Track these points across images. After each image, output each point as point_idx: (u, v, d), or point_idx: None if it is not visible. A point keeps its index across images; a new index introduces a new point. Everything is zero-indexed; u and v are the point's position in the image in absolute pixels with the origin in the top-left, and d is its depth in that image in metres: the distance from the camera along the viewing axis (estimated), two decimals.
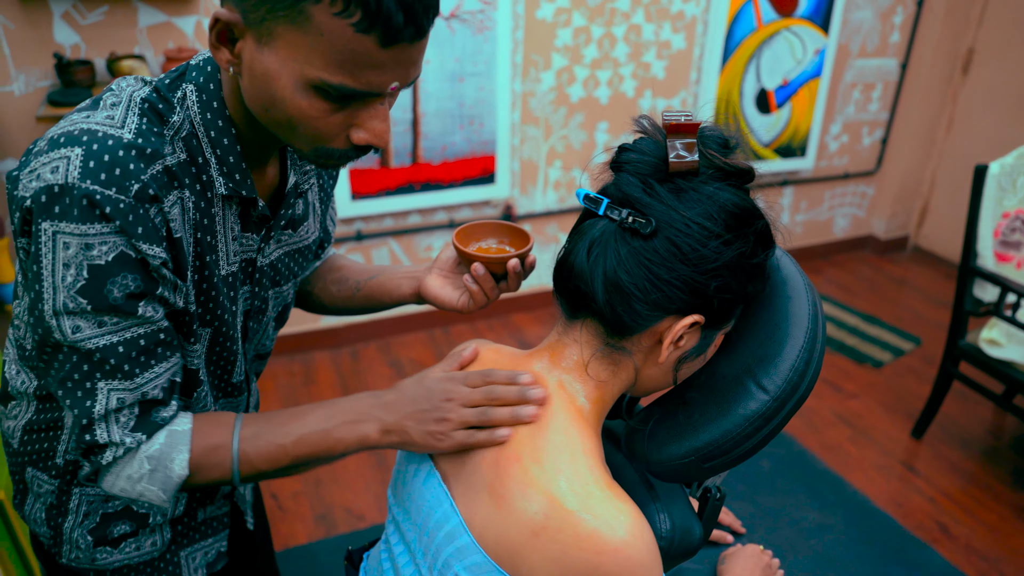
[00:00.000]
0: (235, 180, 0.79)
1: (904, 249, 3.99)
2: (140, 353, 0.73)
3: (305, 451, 0.79)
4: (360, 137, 0.71)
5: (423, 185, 2.75)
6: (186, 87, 0.76)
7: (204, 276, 0.81)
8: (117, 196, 0.67)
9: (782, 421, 0.75)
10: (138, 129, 0.71)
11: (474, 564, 0.71)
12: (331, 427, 0.78)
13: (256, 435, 0.79)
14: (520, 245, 0.92)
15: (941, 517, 2.17)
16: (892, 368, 2.91)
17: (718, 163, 0.71)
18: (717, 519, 0.97)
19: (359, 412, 0.79)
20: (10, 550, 1.28)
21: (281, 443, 0.78)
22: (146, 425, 0.76)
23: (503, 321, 3.13)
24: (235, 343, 0.90)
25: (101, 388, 0.73)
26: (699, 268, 0.69)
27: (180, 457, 0.76)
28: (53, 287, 0.69)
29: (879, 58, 3.48)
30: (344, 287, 1.08)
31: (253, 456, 0.78)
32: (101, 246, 0.68)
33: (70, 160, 0.67)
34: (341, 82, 0.65)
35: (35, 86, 2.16)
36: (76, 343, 0.71)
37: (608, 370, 0.75)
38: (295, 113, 0.68)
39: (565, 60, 2.81)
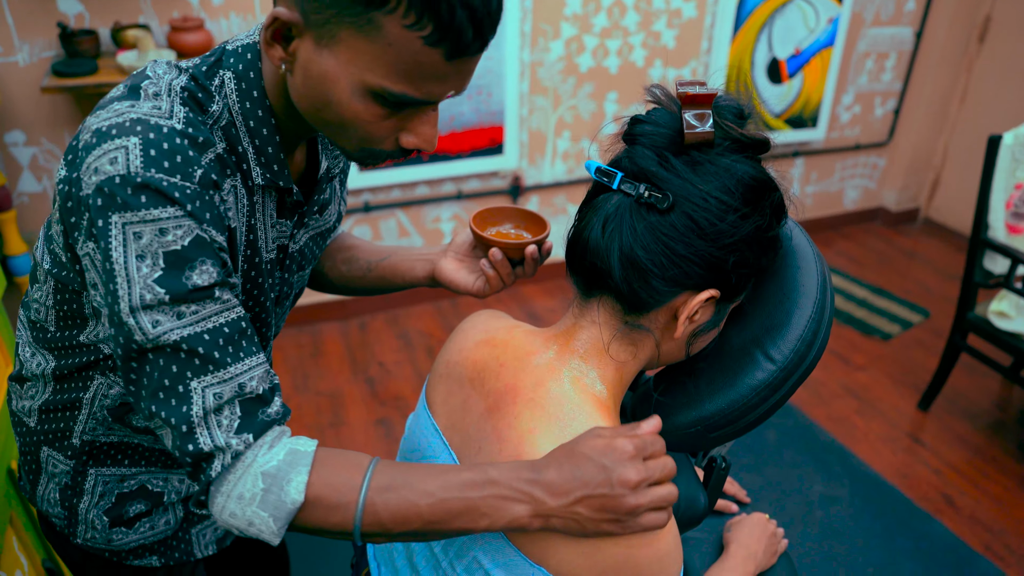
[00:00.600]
0: (272, 171, 0.77)
1: (915, 221, 3.96)
2: (227, 342, 0.68)
3: (440, 518, 0.67)
4: (410, 141, 0.71)
5: (431, 156, 2.74)
6: (224, 74, 0.74)
7: (254, 264, 0.80)
8: (183, 183, 0.66)
9: (789, 391, 0.75)
10: (187, 118, 0.69)
11: (494, 549, 0.71)
12: (478, 498, 0.66)
13: (389, 487, 0.68)
14: (536, 230, 0.92)
15: (947, 489, 2.18)
16: (900, 340, 2.90)
17: (734, 134, 0.69)
18: (722, 489, 0.97)
19: (513, 488, 0.66)
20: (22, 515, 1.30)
21: (416, 502, 0.67)
22: (252, 424, 0.68)
23: (512, 293, 3.13)
24: (269, 328, 0.89)
25: (195, 388, 0.67)
26: (717, 243, 0.68)
27: (298, 479, 0.67)
28: (128, 281, 0.65)
29: (893, 27, 3.42)
30: (355, 267, 1.07)
31: (381, 510, 0.67)
32: (176, 230, 0.65)
33: (128, 150, 0.64)
34: (402, 91, 0.65)
35: (39, 56, 2.15)
36: (158, 339, 0.66)
37: (628, 351, 0.75)
38: (350, 116, 0.68)
39: (574, 29, 2.78)
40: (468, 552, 0.73)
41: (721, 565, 0.93)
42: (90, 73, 2.02)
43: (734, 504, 1.11)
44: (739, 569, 0.93)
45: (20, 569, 1.22)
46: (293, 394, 2.48)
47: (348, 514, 0.67)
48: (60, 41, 2.10)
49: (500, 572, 0.71)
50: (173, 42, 2.17)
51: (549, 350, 0.76)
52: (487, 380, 0.77)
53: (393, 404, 2.46)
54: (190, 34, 2.16)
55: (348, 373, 2.61)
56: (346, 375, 2.60)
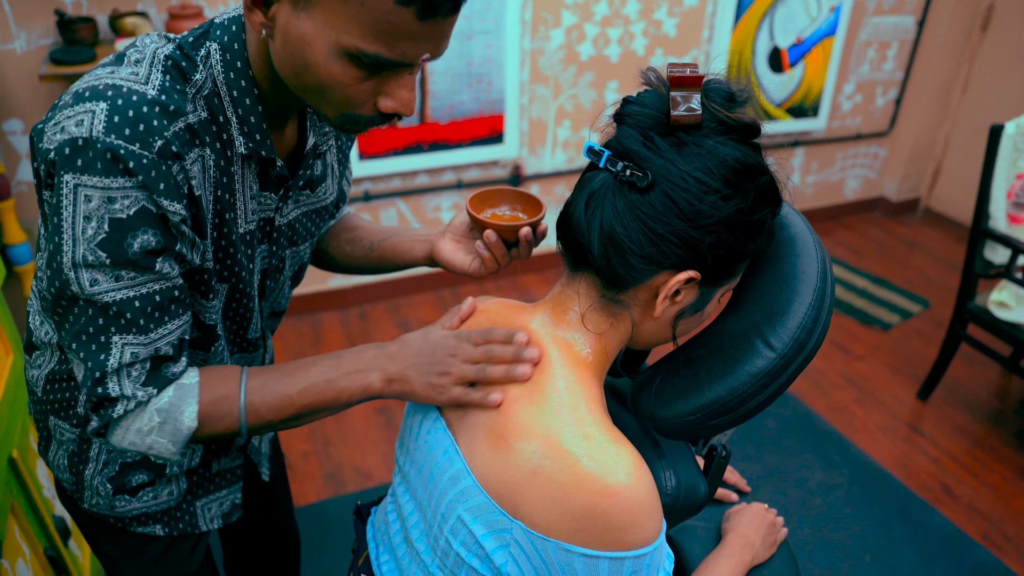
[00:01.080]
0: (255, 140, 0.79)
1: (915, 211, 3.95)
2: (155, 309, 0.74)
3: (311, 400, 0.80)
4: (387, 105, 0.72)
5: (431, 145, 2.73)
6: (210, 45, 0.76)
7: (223, 233, 0.82)
8: (140, 152, 0.68)
9: (789, 379, 0.75)
10: (162, 86, 0.72)
11: (476, 506, 0.73)
12: (336, 377, 0.79)
13: (262, 386, 0.79)
14: (533, 212, 0.92)
15: (945, 478, 2.19)
16: (900, 330, 2.90)
17: (721, 116, 0.69)
18: (722, 477, 0.97)
19: (363, 362, 0.80)
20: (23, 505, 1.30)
21: (287, 393, 0.79)
22: (157, 380, 0.76)
23: (511, 282, 3.13)
24: (252, 300, 0.91)
25: (116, 343, 0.73)
26: (695, 223, 0.68)
27: (189, 409, 0.77)
28: (73, 239, 0.69)
29: (896, 15, 3.40)
30: (358, 247, 1.09)
31: (260, 406, 0.79)
32: (123, 200, 0.68)
33: (95, 114, 0.67)
34: (376, 51, 0.66)
35: (37, 44, 2.14)
36: (93, 296, 0.71)
37: (606, 322, 0.76)
38: (327, 79, 0.69)
39: (575, 17, 2.76)
40: (453, 512, 0.75)
41: (717, 553, 0.94)
42: (88, 61, 2.01)
43: (734, 493, 1.11)
44: (734, 557, 0.93)
45: (22, 557, 1.23)
46: None
47: (234, 420, 0.79)
48: (58, 28, 2.09)
49: (480, 527, 0.72)
50: (171, 29, 2.16)
51: (539, 314, 0.79)
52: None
53: None
54: (188, 21, 2.15)
55: None
56: None
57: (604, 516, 0.66)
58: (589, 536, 0.67)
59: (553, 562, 0.68)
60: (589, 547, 0.67)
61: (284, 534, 1.33)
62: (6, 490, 1.22)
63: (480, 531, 0.72)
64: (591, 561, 0.67)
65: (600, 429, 0.69)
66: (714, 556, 0.93)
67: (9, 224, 2.13)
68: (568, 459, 0.67)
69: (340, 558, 1.83)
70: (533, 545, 0.69)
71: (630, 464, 0.67)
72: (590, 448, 0.67)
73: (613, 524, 0.66)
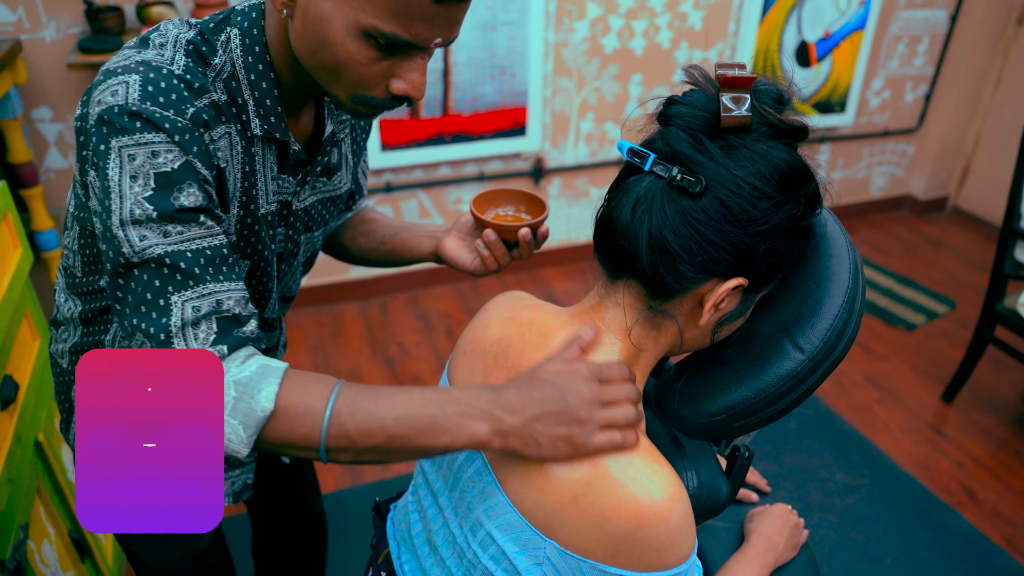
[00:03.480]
0: (270, 123, 0.81)
1: (943, 210, 3.89)
2: (208, 263, 0.72)
3: (404, 432, 0.68)
4: (399, 87, 0.74)
5: (453, 137, 2.72)
6: (230, 31, 0.79)
7: (249, 211, 0.85)
8: (175, 117, 0.71)
9: (817, 381, 0.74)
10: (186, 66, 0.75)
11: (507, 523, 0.72)
12: (440, 414, 0.68)
13: (355, 399, 0.70)
14: (537, 213, 0.95)
15: (968, 481, 2.16)
16: (924, 331, 2.86)
17: (772, 120, 0.68)
18: (744, 478, 0.96)
19: (474, 407, 0.68)
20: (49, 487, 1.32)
21: (380, 416, 0.68)
22: (227, 339, 0.71)
23: (532, 275, 3.12)
24: (271, 280, 0.93)
25: (175, 301, 0.70)
26: (748, 230, 0.67)
27: (268, 388, 0.69)
28: (120, 196, 0.70)
29: (927, 9, 3.34)
30: (370, 240, 1.11)
31: (347, 420, 0.68)
32: (167, 153, 0.71)
33: (128, 85, 0.70)
34: (392, 31, 0.68)
35: (66, 32, 2.16)
36: (144, 252, 0.70)
37: (650, 336, 0.74)
38: (343, 57, 0.71)
39: (600, 9, 2.74)
40: (482, 528, 0.74)
41: (741, 555, 0.93)
42: (115, 49, 2.03)
43: (754, 493, 1.10)
44: (759, 560, 0.92)
45: (47, 539, 1.25)
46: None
47: (315, 424, 0.68)
48: (86, 18, 2.11)
49: (512, 545, 0.71)
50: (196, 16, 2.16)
51: (572, 327, 0.76)
52: (510, 356, 0.77)
53: (412, 384, 2.47)
54: (213, 9, 2.15)
55: (367, 353, 2.63)
56: (365, 355, 2.61)
57: (645, 540, 0.65)
58: (626, 559, 0.66)
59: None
60: (625, 568, 0.66)
61: (311, 520, 1.35)
62: (32, 473, 1.24)
63: (512, 549, 0.71)
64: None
65: (642, 451, 0.68)
66: (737, 558, 0.93)
67: (37, 211, 2.15)
68: (612, 484, 0.66)
69: (357, 548, 1.84)
70: (567, 565, 0.68)
71: (672, 486, 0.66)
72: (634, 471, 0.66)
73: (652, 547, 0.65)
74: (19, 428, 1.21)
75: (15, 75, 2.00)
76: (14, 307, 1.28)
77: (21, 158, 2.07)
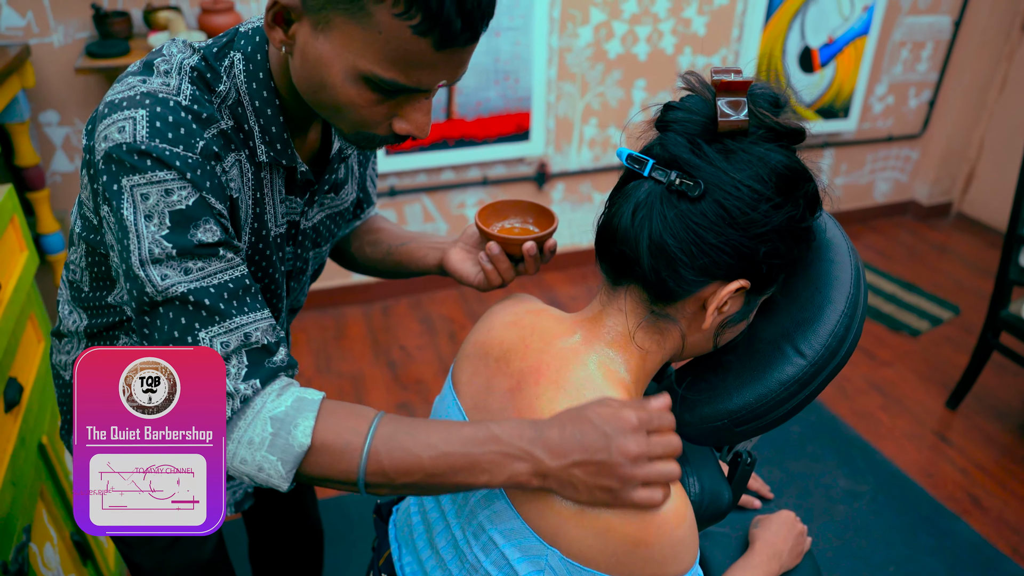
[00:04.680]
0: (276, 149, 0.81)
1: (947, 216, 3.88)
2: (231, 297, 0.72)
3: (442, 471, 0.68)
4: (402, 127, 0.74)
5: (457, 141, 2.73)
6: (234, 55, 0.78)
7: (261, 236, 0.83)
8: (185, 153, 0.70)
9: (818, 387, 0.74)
10: (192, 95, 0.74)
11: (509, 530, 0.72)
12: (479, 453, 0.67)
13: (393, 437, 0.69)
14: (545, 226, 0.91)
15: (973, 489, 2.15)
16: (929, 337, 2.85)
17: (769, 123, 0.68)
18: (746, 484, 0.96)
19: (514, 446, 0.67)
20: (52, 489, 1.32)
21: (418, 453, 0.68)
22: (259, 371, 0.72)
23: (535, 280, 3.12)
24: (281, 301, 0.92)
25: (203, 338, 0.70)
26: (748, 232, 0.67)
27: (305, 423, 0.69)
28: (138, 237, 0.70)
29: (931, 15, 3.34)
30: (377, 249, 1.10)
31: (384, 458, 0.68)
32: (180, 191, 0.70)
33: (135, 120, 0.69)
34: (393, 78, 0.67)
35: (74, 37, 2.17)
36: (167, 292, 0.70)
37: (654, 340, 0.74)
38: (343, 100, 0.70)
39: (603, 15, 2.75)
40: (483, 532, 0.74)
41: (745, 562, 0.93)
42: (122, 54, 2.04)
43: (757, 500, 1.10)
44: (763, 567, 0.92)
45: (49, 542, 1.25)
46: (315, 376, 2.51)
47: (353, 461, 0.68)
48: (94, 22, 2.12)
49: (514, 551, 0.71)
50: (204, 24, 2.18)
51: (576, 334, 0.76)
52: (512, 360, 0.77)
53: (415, 388, 2.47)
54: (220, 16, 2.17)
55: (370, 356, 2.63)
56: (368, 358, 2.62)
57: (647, 552, 0.65)
58: (627, 569, 0.66)
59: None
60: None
61: (307, 527, 1.35)
62: (36, 475, 1.24)
63: (513, 554, 0.71)
64: None
65: None
66: (742, 565, 0.92)
67: (43, 214, 2.16)
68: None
69: (358, 553, 1.84)
70: (569, 573, 0.68)
71: (676, 500, 0.66)
72: None
73: (655, 559, 0.66)
74: (23, 430, 1.21)
75: (23, 79, 2.02)
76: (19, 309, 1.28)
77: (28, 161, 2.08)
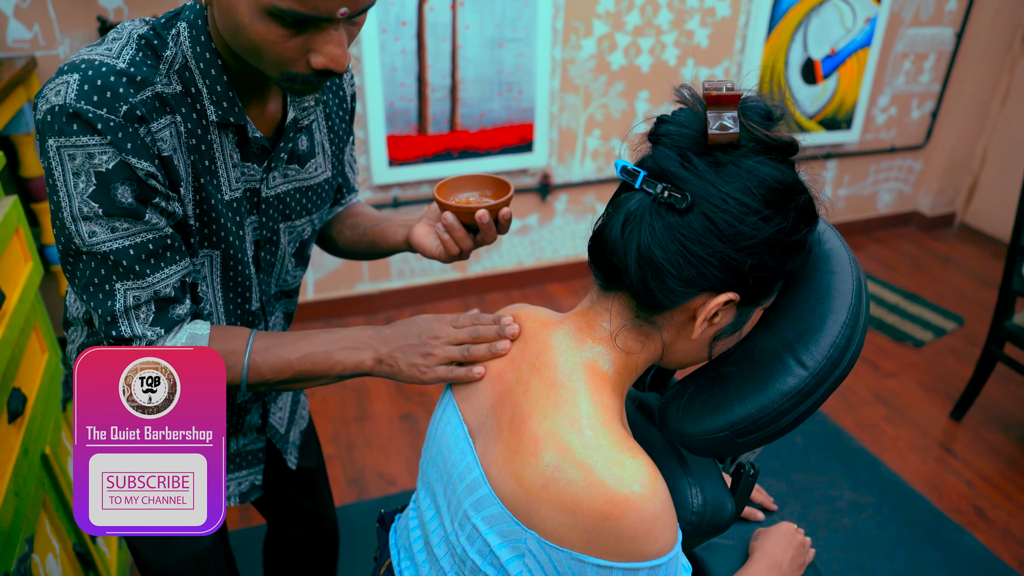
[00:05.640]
0: (223, 108, 0.84)
1: (950, 226, 3.88)
2: (149, 256, 0.81)
3: (307, 367, 0.87)
4: (318, 61, 0.76)
5: (460, 152, 2.74)
6: (180, 24, 0.83)
7: (203, 197, 0.87)
8: (108, 116, 0.75)
9: (820, 398, 0.74)
10: (132, 60, 0.79)
11: (491, 515, 0.73)
12: (333, 350, 0.87)
13: (266, 348, 0.87)
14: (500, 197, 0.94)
15: (978, 500, 2.14)
16: (933, 348, 2.85)
17: (759, 136, 0.69)
18: (750, 496, 0.96)
19: (359, 341, 0.87)
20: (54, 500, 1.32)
21: (287, 357, 0.86)
22: (164, 320, 0.83)
23: (538, 291, 3.12)
24: (247, 267, 0.95)
25: (119, 288, 0.81)
26: (735, 245, 0.67)
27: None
28: (68, 195, 0.77)
29: (933, 27, 3.35)
30: (355, 232, 1.13)
31: (262, 365, 0.86)
32: (101, 155, 0.75)
33: (68, 84, 0.75)
34: (290, 7, 0.70)
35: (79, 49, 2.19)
36: (92, 247, 0.78)
37: (637, 341, 0.75)
38: (256, 39, 0.73)
39: (606, 27, 2.76)
40: (468, 521, 0.75)
41: (744, 572, 0.92)
42: None
43: (760, 512, 1.09)
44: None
45: (52, 552, 1.25)
46: (318, 387, 2.51)
47: (236, 372, 0.85)
48: (99, 35, 2.14)
49: (496, 538, 0.73)
50: None
51: (564, 327, 0.79)
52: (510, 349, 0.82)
53: (418, 400, 2.47)
54: None
55: None
56: None
57: (616, 527, 0.65)
58: (602, 547, 0.66)
59: (567, 572, 0.68)
60: (602, 557, 0.66)
61: (322, 527, 1.36)
62: (39, 486, 1.24)
63: (495, 541, 0.73)
64: (604, 572, 0.67)
65: (614, 440, 0.69)
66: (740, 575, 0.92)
67: (48, 225, 2.17)
68: (582, 469, 0.67)
69: (361, 563, 1.83)
70: (547, 555, 0.69)
71: (644, 475, 0.67)
72: (604, 458, 0.67)
73: (626, 535, 0.66)
74: (26, 440, 1.21)
75: (29, 91, 2.03)
76: (24, 320, 1.29)
77: (33, 172, 2.09)
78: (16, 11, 2.09)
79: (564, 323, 0.80)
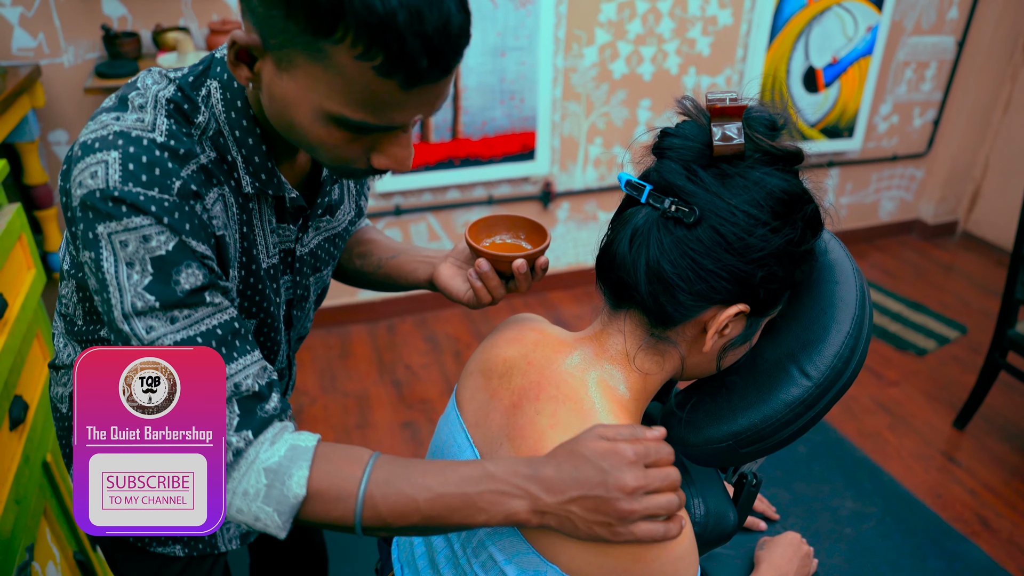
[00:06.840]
0: (261, 180, 0.77)
1: (953, 235, 3.87)
2: (220, 344, 0.70)
3: (439, 513, 0.67)
4: (382, 163, 0.70)
5: (462, 160, 2.74)
6: (210, 84, 0.74)
7: (251, 271, 0.81)
8: (161, 196, 0.67)
9: (824, 408, 0.73)
10: (169, 131, 0.70)
11: (509, 545, 0.71)
12: (475, 492, 0.66)
13: (388, 481, 0.68)
14: (537, 242, 0.88)
15: (982, 510, 2.13)
16: (936, 356, 2.84)
17: (765, 146, 0.68)
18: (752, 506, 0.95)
19: (510, 483, 0.66)
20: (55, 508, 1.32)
21: (414, 496, 0.67)
22: (252, 422, 0.70)
23: (540, 299, 3.12)
24: (278, 332, 0.90)
25: None
26: (745, 257, 0.67)
27: (299, 473, 0.68)
28: (119, 289, 0.67)
29: (935, 35, 3.35)
30: (367, 262, 1.07)
31: (380, 502, 0.67)
32: (159, 236, 0.66)
33: (108, 164, 0.66)
34: (362, 119, 0.64)
35: (83, 58, 2.20)
36: (154, 343, 0.68)
37: (654, 361, 0.74)
38: (315, 140, 0.67)
39: (608, 35, 2.77)
40: (484, 549, 0.73)
41: None
42: (131, 74, 2.06)
43: (762, 522, 1.09)
44: None
45: (52, 560, 1.25)
46: (320, 394, 2.50)
47: (349, 508, 0.68)
48: (104, 43, 2.15)
49: (513, 569, 0.71)
50: (212, 44, 2.20)
51: (577, 351, 0.76)
52: (514, 377, 0.77)
53: (420, 407, 2.46)
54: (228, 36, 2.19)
55: (375, 375, 2.63)
56: (373, 377, 2.61)
57: (645, 568, 0.65)
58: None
59: None
60: None
61: (311, 552, 1.33)
62: (40, 494, 1.24)
63: (512, 571, 0.71)
64: None
65: None
66: None
67: (51, 232, 2.18)
68: None
69: (362, 574, 1.83)
70: None
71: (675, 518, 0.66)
72: None
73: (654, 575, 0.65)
74: (27, 448, 1.21)
75: (33, 99, 2.04)
76: (26, 327, 1.29)
77: (37, 180, 2.10)
78: (21, 19, 2.10)
79: (577, 347, 0.77)
